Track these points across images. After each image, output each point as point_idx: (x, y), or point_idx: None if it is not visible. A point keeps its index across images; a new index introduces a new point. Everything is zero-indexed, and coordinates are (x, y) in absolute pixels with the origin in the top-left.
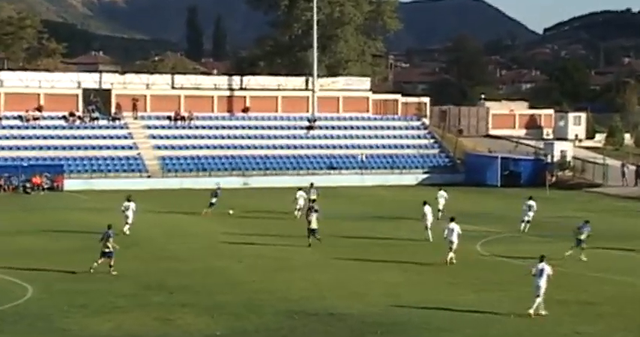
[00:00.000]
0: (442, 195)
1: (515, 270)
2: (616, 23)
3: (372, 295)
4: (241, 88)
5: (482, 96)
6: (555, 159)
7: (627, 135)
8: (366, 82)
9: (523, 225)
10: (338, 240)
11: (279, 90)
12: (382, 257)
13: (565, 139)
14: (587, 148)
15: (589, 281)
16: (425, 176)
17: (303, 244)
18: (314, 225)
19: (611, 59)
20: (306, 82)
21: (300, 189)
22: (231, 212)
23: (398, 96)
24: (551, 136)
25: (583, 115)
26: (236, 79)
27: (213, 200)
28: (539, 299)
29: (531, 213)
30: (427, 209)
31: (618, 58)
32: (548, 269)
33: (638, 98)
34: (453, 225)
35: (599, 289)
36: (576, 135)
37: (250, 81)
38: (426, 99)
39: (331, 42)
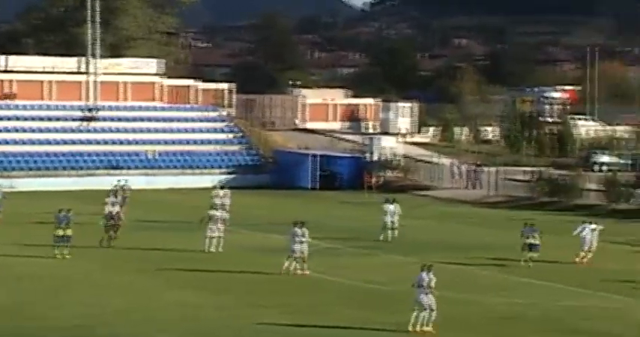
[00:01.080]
0: (217, 195)
1: (334, 289)
2: None
3: (166, 320)
4: (2, 70)
5: (295, 82)
6: (379, 158)
7: (462, 130)
8: (155, 65)
9: (385, 233)
10: (122, 253)
11: (49, 73)
12: (176, 274)
13: (391, 134)
14: (417, 144)
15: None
16: (226, 177)
17: (84, 259)
18: (64, 232)
19: (443, 41)
20: (83, 63)
21: (111, 193)
22: None
23: (195, 82)
24: (374, 130)
25: (412, 106)
26: None
27: None
28: (434, 313)
29: (389, 219)
30: (211, 213)
31: (452, 40)
32: (433, 279)
33: (474, 86)
34: (296, 229)
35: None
36: (404, 129)
37: (14, 62)
38: (228, 86)
39: (113, 16)
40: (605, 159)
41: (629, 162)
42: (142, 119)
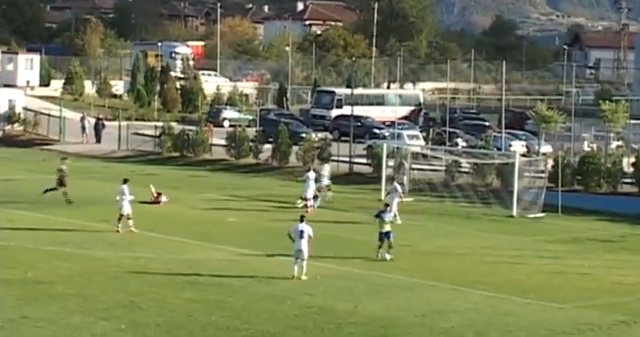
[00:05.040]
0: None
1: None
2: None
3: None
4: None
5: None
6: (3, 111)
7: (89, 83)
8: None
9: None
10: None
11: None
12: None
13: (15, 86)
14: (42, 98)
15: (39, 255)
16: None
17: None
18: None
19: None
20: None
21: None
22: None
23: None
24: None
25: (36, 58)
26: None
27: None
28: (305, 263)
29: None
30: None
31: None
32: (309, 230)
33: (101, 39)
34: None
35: (52, 265)
36: (28, 82)
37: None
38: None
39: None
40: (230, 114)
41: (250, 118)
42: None
